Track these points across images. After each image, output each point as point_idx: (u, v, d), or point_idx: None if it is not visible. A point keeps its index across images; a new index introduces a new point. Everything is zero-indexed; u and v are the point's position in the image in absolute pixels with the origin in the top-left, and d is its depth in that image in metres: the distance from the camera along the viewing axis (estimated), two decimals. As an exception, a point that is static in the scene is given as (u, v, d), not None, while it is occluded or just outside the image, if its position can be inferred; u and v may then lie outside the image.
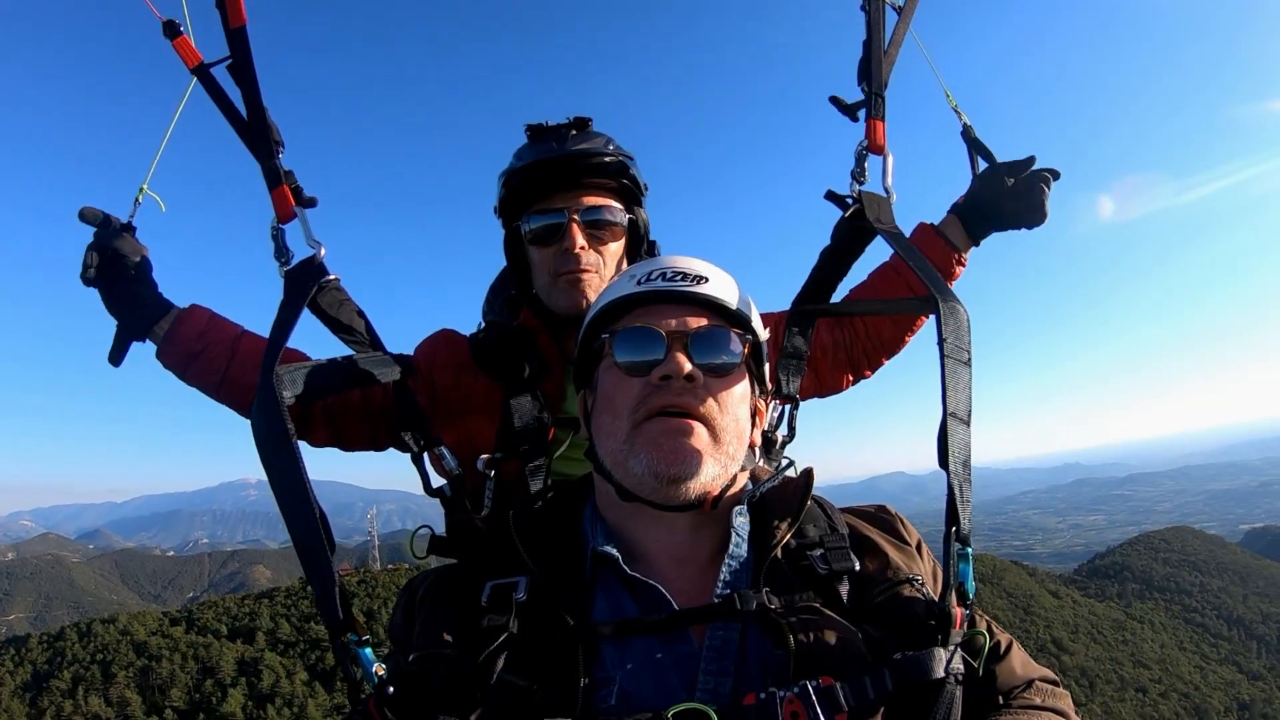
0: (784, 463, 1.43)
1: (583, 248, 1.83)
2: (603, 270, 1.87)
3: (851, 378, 2.14)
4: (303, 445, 1.39)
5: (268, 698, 52.46)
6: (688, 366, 1.18)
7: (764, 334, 1.37)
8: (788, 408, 1.81)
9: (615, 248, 1.91)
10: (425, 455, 1.75)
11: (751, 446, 1.33)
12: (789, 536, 1.22)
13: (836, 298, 1.89)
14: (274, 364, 1.40)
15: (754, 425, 1.33)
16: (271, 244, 1.66)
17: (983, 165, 2.09)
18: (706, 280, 1.28)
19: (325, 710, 49.99)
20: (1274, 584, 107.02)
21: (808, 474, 1.32)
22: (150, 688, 54.88)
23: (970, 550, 1.16)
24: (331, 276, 1.69)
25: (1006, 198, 2.01)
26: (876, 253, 1.83)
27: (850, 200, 1.80)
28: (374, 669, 1.13)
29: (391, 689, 1.09)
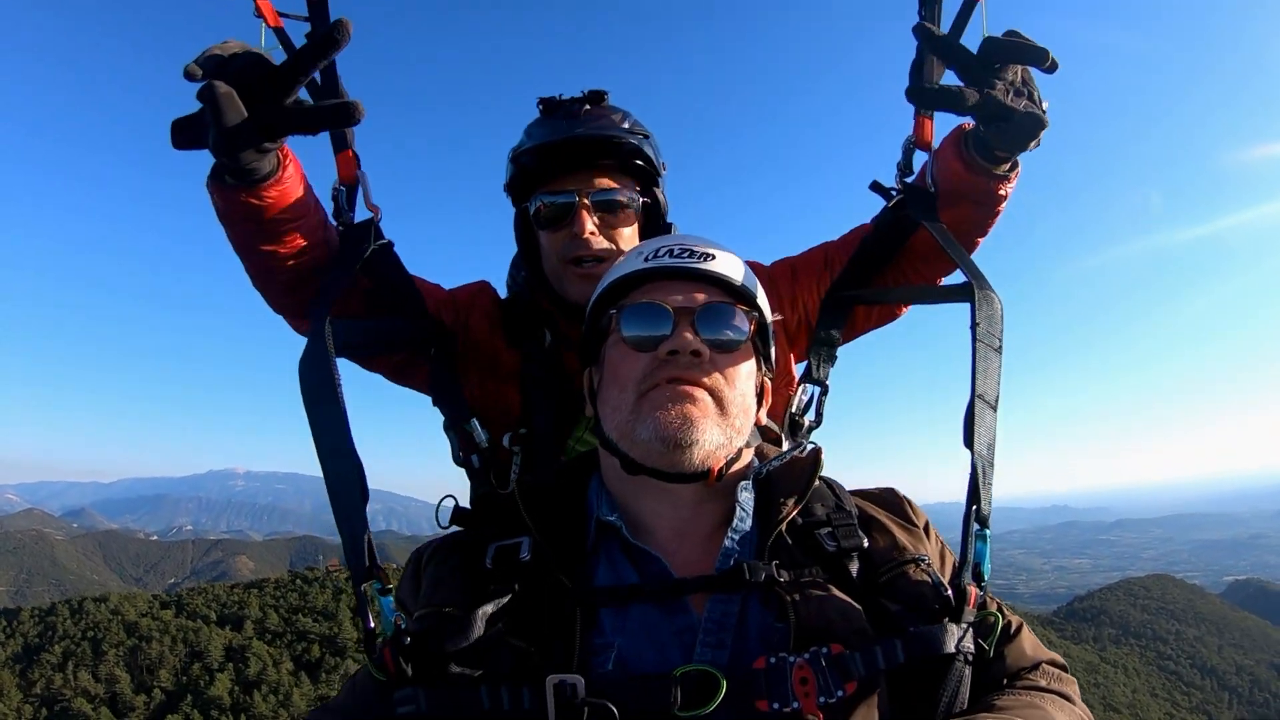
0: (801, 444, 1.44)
1: (593, 233, 1.76)
2: (617, 256, 1.78)
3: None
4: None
5: (254, 684, 53.48)
6: (694, 342, 1.18)
7: (770, 313, 1.37)
8: (817, 392, 1.82)
9: (629, 231, 1.84)
10: (456, 427, 1.80)
11: (757, 424, 1.34)
12: (795, 513, 1.21)
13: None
14: (325, 315, 1.41)
15: (760, 403, 1.34)
16: (331, 204, 1.68)
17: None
18: (714, 257, 1.28)
19: (310, 700, 50.77)
20: (1250, 636, 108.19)
21: (816, 453, 1.32)
22: (139, 667, 55.97)
23: (989, 532, 1.17)
24: (385, 240, 1.71)
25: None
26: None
27: (895, 192, 1.83)
28: (393, 619, 1.14)
29: (408, 640, 1.10)
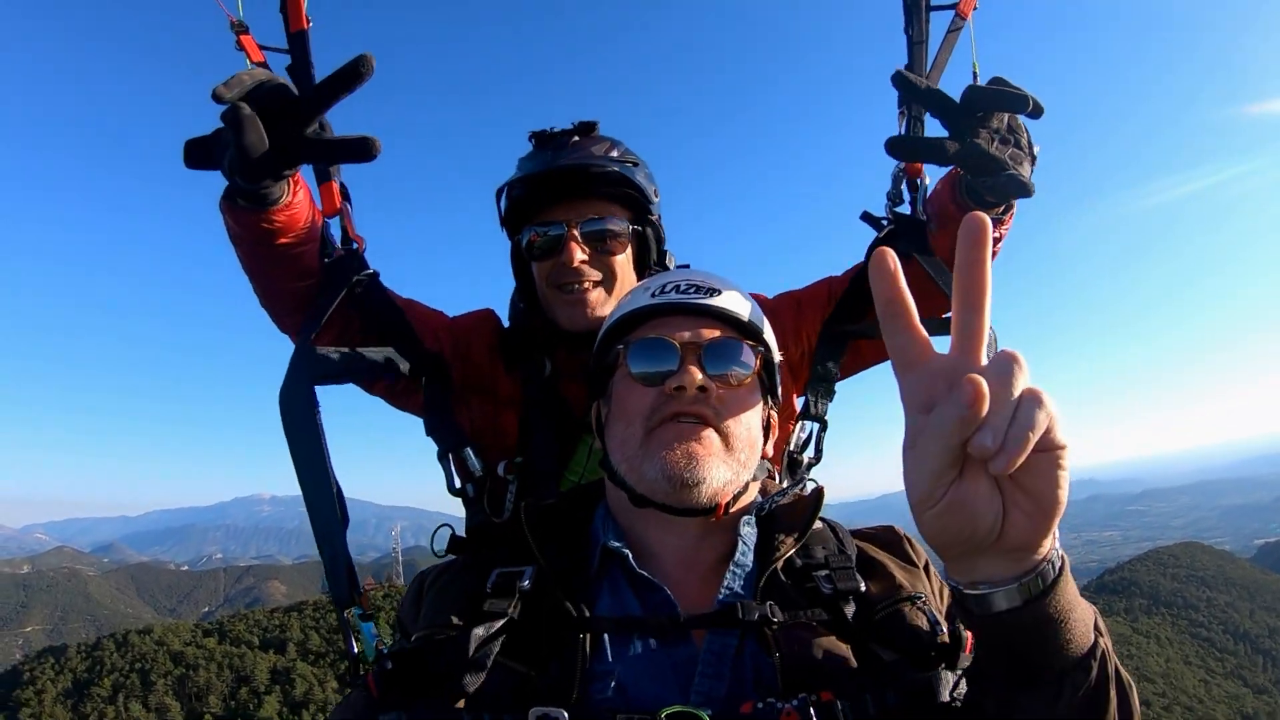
0: (803, 481, 1.45)
1: (582, 262, 1.77)
2: (608, 283, 1.81)
3: None
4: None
5: (302, 704, 54.79)
6: (700, 378, 1.19)
7: (776, 349, 1.37)
8: (816, 429, 1.82)
9: (621, 259, 1.84)
10: (450, 455, 1.80)
11: (764, 458, 1.33)
12: (794, 553, 1.21)
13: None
14: (308, 342, 1.44)
15: (766, 437, 1.34)
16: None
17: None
18: (719, 293, 1.29)
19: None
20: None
21: (818, 493, 1.32)
22: (188, 695, 57.55)
23: None
24: (370, 271, 1.73)
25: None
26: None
27: (885, 222, 1.79)
28: (374, 643, 1.17)
29: (390, 664, 1.09)
